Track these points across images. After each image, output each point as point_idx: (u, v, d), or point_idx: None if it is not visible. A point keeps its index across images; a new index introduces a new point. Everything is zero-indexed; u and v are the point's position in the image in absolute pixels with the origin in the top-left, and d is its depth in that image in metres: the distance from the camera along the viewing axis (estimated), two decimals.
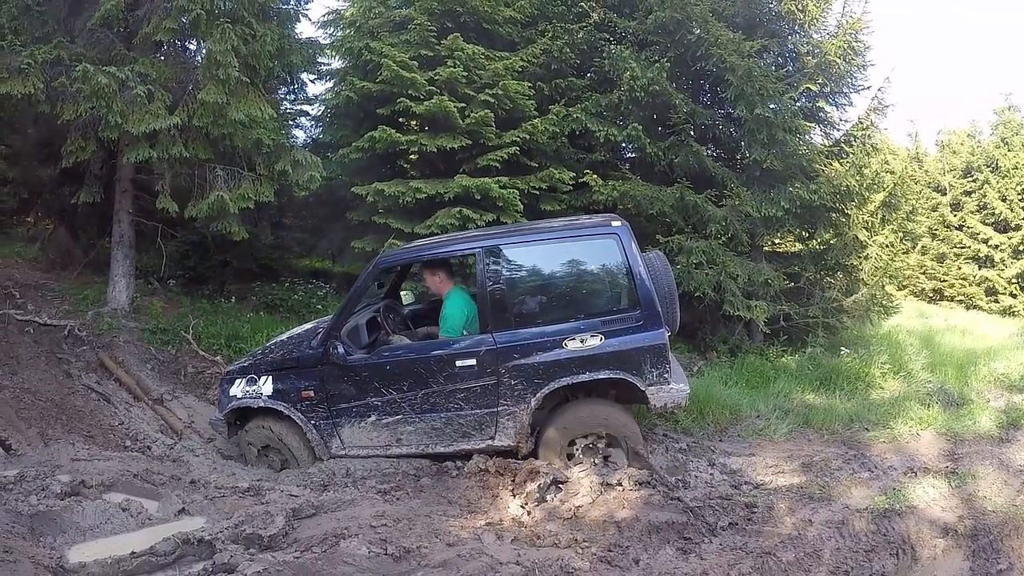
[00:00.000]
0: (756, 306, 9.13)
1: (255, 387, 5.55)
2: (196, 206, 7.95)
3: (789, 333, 9.93)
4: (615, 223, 5.28)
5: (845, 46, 9.84)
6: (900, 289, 22.93)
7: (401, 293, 6.90)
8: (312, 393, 5.41)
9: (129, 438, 6.26)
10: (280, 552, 3.78)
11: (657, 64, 9.66)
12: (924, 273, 23.81)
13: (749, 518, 4.48)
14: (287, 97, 11.59)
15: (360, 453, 5.45)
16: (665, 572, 3.87)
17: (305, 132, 12.28)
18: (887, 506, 4.62)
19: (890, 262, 10.75)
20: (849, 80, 10.20)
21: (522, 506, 4.62)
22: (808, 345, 9.42)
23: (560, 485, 4.80)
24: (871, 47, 10.04)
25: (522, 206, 9.43)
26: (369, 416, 5.36)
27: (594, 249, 5.31)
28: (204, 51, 7.82)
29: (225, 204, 7.77)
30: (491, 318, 5.21)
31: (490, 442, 5.26)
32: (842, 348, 9.33)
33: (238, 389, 5.63)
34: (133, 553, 3.74)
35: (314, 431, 5.44)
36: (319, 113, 11.87)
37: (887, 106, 10.11)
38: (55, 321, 7.89)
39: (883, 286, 10.61)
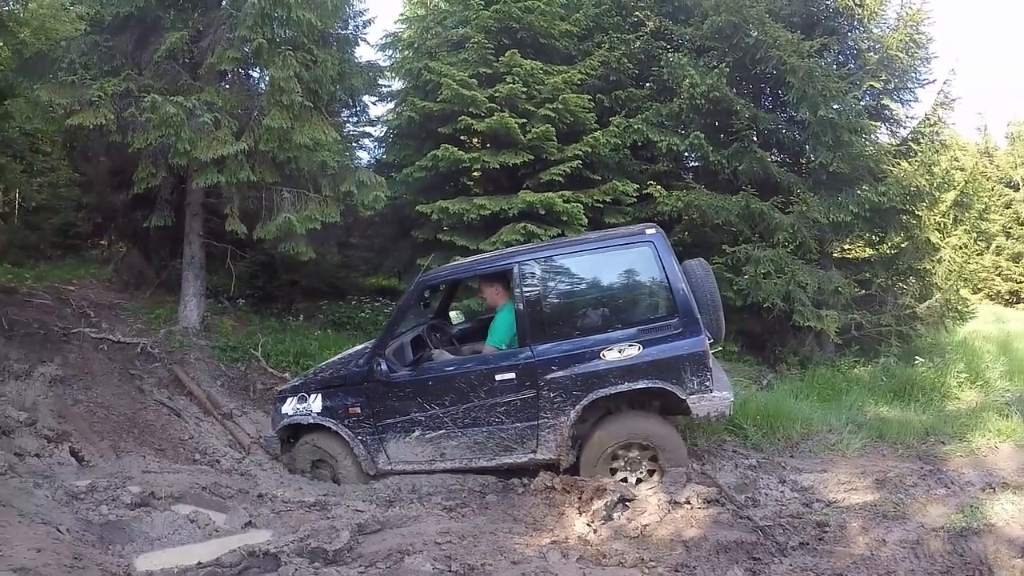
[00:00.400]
0: (827, 315, 8.86)
1: (305, 404, 5.72)
2: (264, 228, 8.18)
3: (861, 343, 9.58)
4: (649, 231, 5.24)
5: (907, 39, 9.57)
6: (975, 292, 21.85)
7: (451, 313, 6.99)
8: (358, 409, 5.53)
9: (198, 452, 6.43)
10: (345, 567, 3.79)
11: (716, 70, 9.57)
12: (999, 274, 22.72)
13: (820, 537, 4.31)
14: (349, 119, 11.91)
15: (406, 468, 5.52)
16: None
17: (368, 153, 12.61)
18: (964, 524, 4.37)
19: (964, 264, 10.30)
20: (913, 75, 9.91)
21: (588, 524, 4.53)
22: (881, 355, 9.07)
23: (627, 503, 4.70)
24: (933, 39, 9.80)
25: (586, 220, 9.41)
26: (413, 431, 5.43)
27: (629, 258, 5.27)
28: (267, 78, 8.10)
29: (292, 225, 7.96)
30: (529, 331, 5.21)
31: (532, 456, 5.23)
32: (916, 357, 8.89)
33: (289, 407, 5.81)
34: (199, 563, 3.80)
35: (361, 446, 5.54)
36: (381, 134, 12.13)
37: (953, 100, 9.79)
38: (128, 339, 8.19)
39: (957, 290, 10.17)
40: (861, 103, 9.55)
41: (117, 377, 7.43)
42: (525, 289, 5.24)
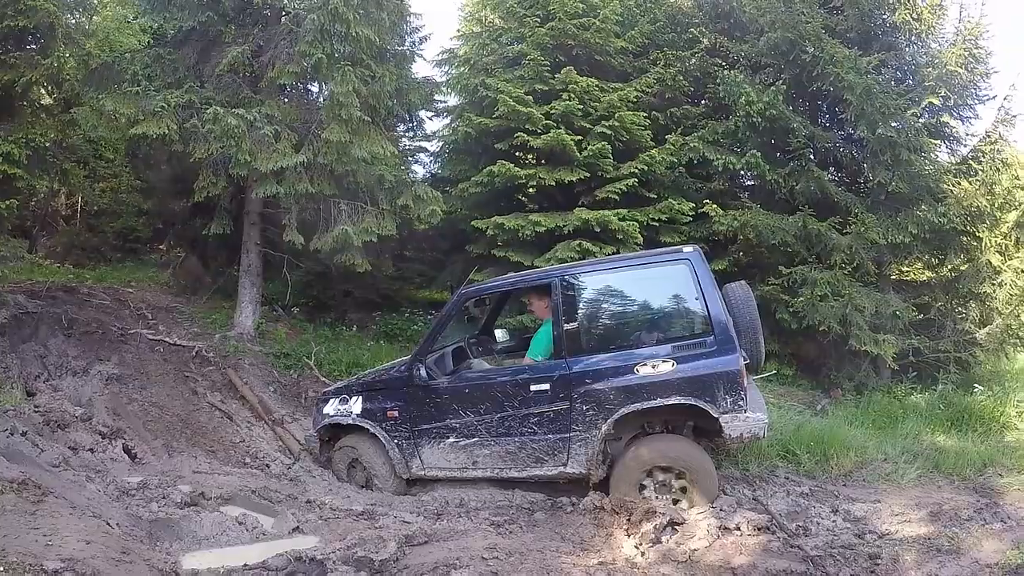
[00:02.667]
0: (884, 340, 8.64)
1: (346, 406, 5.92)
2: (321, 239, 8.31)
3: (918, 369, 9.33)
4: (687, 248, 5.26)
5: (966, 54, 9.32)
6: None
7: (496, 332, 7.06)
8: (396, 413, 5.67)
9: (249, 455, 6.54)
10: None
11: (772, 87, 9.45)
12: None
13: (872, 570, 4.18)
14: (406, 134, 12.09)
15: (439, 475, 5.63)
16: None
17: (424, 167, 12.78)
18: (1020, 561, 4.21)
19: None
20: (973, 90, 9.63)
21: (636, 546, 4.46)
22: (939, 382, 8.77)
23: (676, 527, 4.61)
24: (993, 53, 9.47)
25: (642, 238, 9.38)
26: (448, 437, 5.52)
27: (666, 275, 5.29)
28: (327, 92, 8.24)
29: (349, 237, 8.08)
30: (565, 344, 5.25)
31: (562, 468, 5.25)
32: (975, 385, 8.62)
33: (331, 408, 6.02)
34: (246, 565, 3.87)
35: (396, 450, 5.68)
36: (437, 149, 12.30)
37: (1014, 116, 9.43)
38: (184, 342, 8.40)
39: (1019, 315, 9.80)
40: (920, 120, 9.32)
41: (172, 378, 7.62)
42: (563, 303, 5.30)
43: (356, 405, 5.88)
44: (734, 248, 10.53)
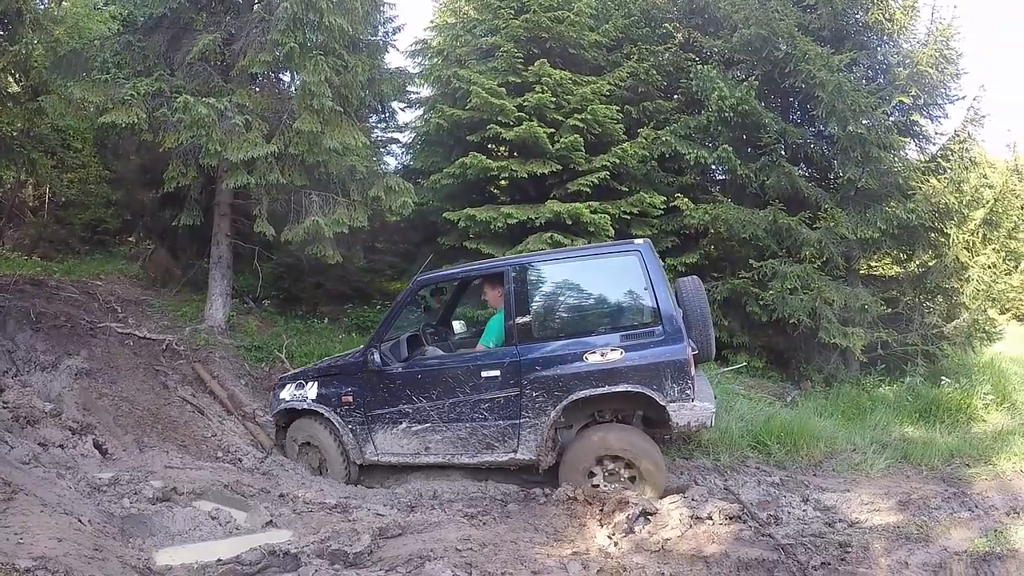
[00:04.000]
0: (853, 333, 8.77)
1: (302, 391, 6.03)
2: (292, 230, 8.24)
3: (887, 361, 9.50)
4: (638, 241, 5.40)
5: (937, 54, 9.46)
6: (1002, 313, 21.44)
7: (454, 323, 7.16)
8: (351, 398, 5.77)
9: (221, 450, 6.46)
10: (365, 570, 3.80)
11: (745, 83, 9.51)
12: None
13: (843, 558, 4.26)
14: (378, 125, 11.98)
15: (392, 460, 5.71)
16: None
17: (396, 159, 12.69)
18: (987, 549, 4.36)
19: (992, 284, 10.18)
20: (943, 90, 9.77)
21: (609, 536, 4.49)
22: (906, 374, 9.01)
23: (649, 516, 4.65)
24: (963, 54, 9.64)
25: (613, 231, 9.39)
26: (401, 423, 5.61)
27: (617, 266, 5.39)
28: (298, 82, 8.13)
29: (320, 229, 8.02)
30: (516, 332, 5.35)
31: (512, 455, 5.34)
32: (943, 378, 8.81)
33: (287, 393, 6.13)
34: (219, 560, 3.85)
35: (350, 434, 5.79)
36: (410, 140, 12.21)
37: (983, 116, 9.63)
38: (154, 335, 8.28)
39: (985, 310, 10.06)
40: (890, 118, 9.47)
41: (142, 372, 7.50)
42: (515, 292, 5.40)
43: (312, 390, 5.96)
44: (705, 242, 10.63)
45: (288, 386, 6.15)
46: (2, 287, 8.26)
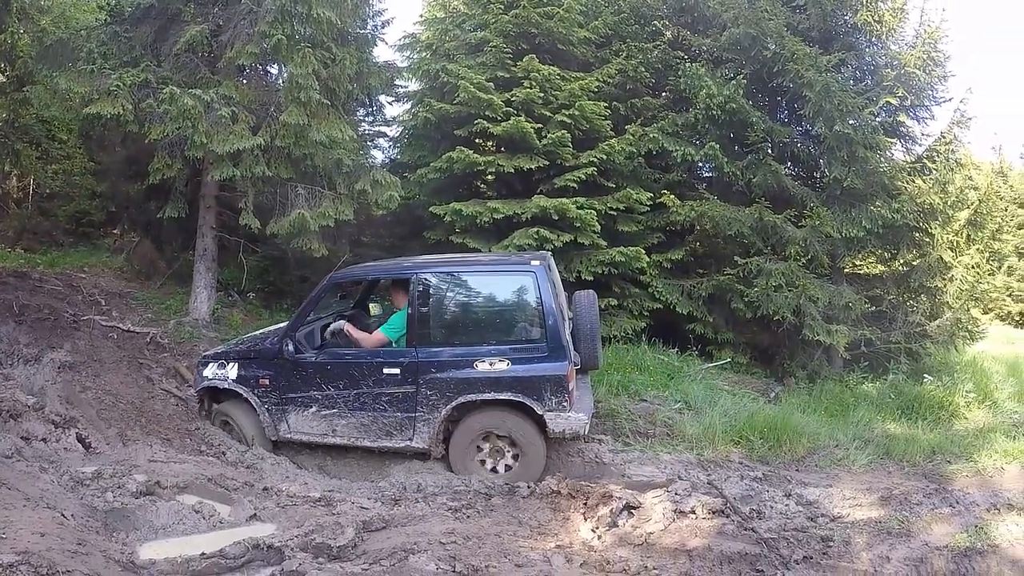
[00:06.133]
0: (836, 330, 8.82)
1: (224, 371, 6.32)
2: (278, 223, 8.25)
3: (870, 359, 9.56)
4: (534, 262, 5.80)
5: (924, 56, 9.51)
6: (985, 312, 21.72)
7: (369, 305, 7.53)
8: (267, 382, 6.13)
9: (205, 443, 6.39)
10: (349, 563, 3.82)
11: (733, 81, 9.53)
12: (1010, 295, 22.58)
13: (825, 552, 4.32)
14: (365, 119, 11.93)
15: (303, 438, 6.14)
16: None
17: (383, 153, 12.61)
18: (968, 544, 4.42)
19: (976, 284, 10.27)
20: (930, 92, 9.83)
21: (593, 530, 4.53)
22: (889, 372, 9.03)
23: (632, 510, 4.70)
24: (951, 57, 9.72)
25: (599, 227, 9.41)
26: (311, 407, 6.02)
27: (512, 283, 5.85)
28: (286, 74, 8.11)
29: (306, 222, 8.05)
30: (416, 334, 5.83)
31: (408, 443, 5.85)
32: (925, 375, 8.88)
33: (210, 371, 6.39)
34: (203, 554, 3.85)
35: (266, 414, 6.14)
36: (397, 134, 12.12)
37: (969, 119, 9.69)
38: (138, 328, 8.25)
39: (968, 309, 10.14)
40: (877, 119, 9.50)
41: (126, 365, 7.47)
42: (418, 297, 5.83)
43: (232, 371, 6.27)
44: (691, 238, 10.67)
45: (211, 365, 6.41)
46: None
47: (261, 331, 7.39)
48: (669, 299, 9.79)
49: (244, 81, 8.81)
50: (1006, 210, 23.47)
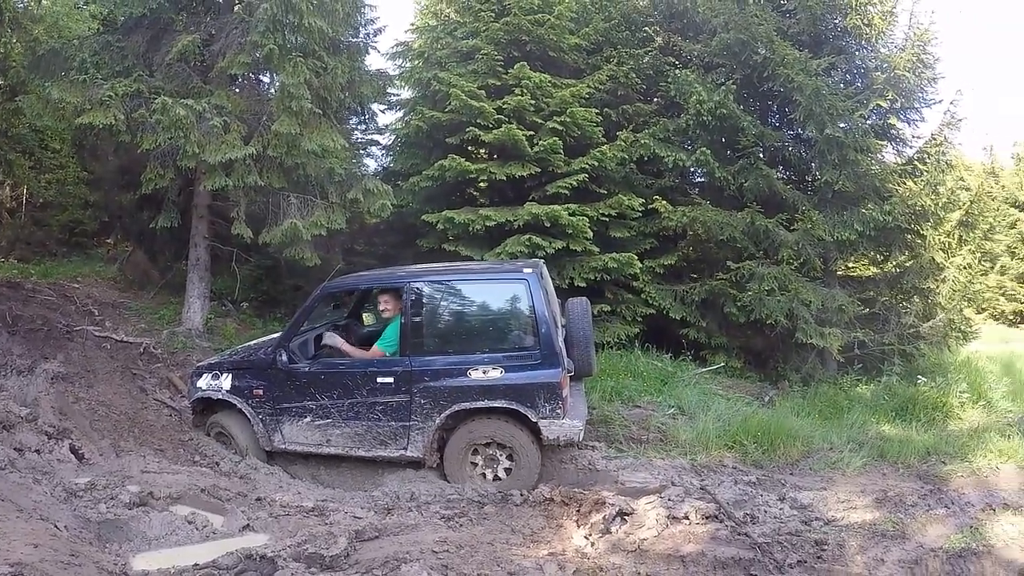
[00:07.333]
0: (830, 333, 8.85)
1: (218, 382, 6.32)
2: (270, 232, 8.25)
3: (864, 361, 9.57)
4: (527, 269, 5.83)
5: (914, 59, 9.59)
6: (979, 312, 21.82)
7: (363, 315, 7.64)
8: (261, 392, 6.14)
9: (198, 453, 6.38)
10: (341, 573, 3.82)
11: (723, 87, 9.56)
12: (1004, 294, 22.76)
13: (819, 556, 4.31)
14: (358, 127, 11.94)
15: (297, 449, 6.14)
16: None
17: (376, 161, 12.63)
18: (963, 545, 4.42)
19: (968, 284, 10.30)
20: (920, 94, 9.90)
21: (586, 537, 4.52)
22: (883, 373, 9.01)
23: (626, 517, 4.70)
24: (940, 59, 9.77)
25: (592, 233, 9.43)
26: (305, 417, 6.02)
27: (505, 291, 5.89)
28: (277, 84, 8.13)
29: (298, 231, 8.05)
30: (410, 344, 5.85)
31: (403, 452, 5.85)
32: (919, 376, 8.87)
33: (204, 382, 6.38)
34: (196, 565, 3.85)
35: (260, 424, 6.14)
36: (390, 142, 12.17)
37: (960, 120, 9.75)
38: (131, 339, 8.23)
39: (961, 310, 10.20)
40: (867, 122, 9.57)
41: (119, 376, 7.45)
42: (411, 306, 5.86)
43: (226, 381, 6.27)
44: (683, 243, 10.68)
45: (205, 375, 6.40)
46: None
47: (255, 341, 7.41)
48: (662, 304, 9.81)
49: (237, 91, 8.83)
50: (998, 210, 23.60)
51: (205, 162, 7.60)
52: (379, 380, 5.83)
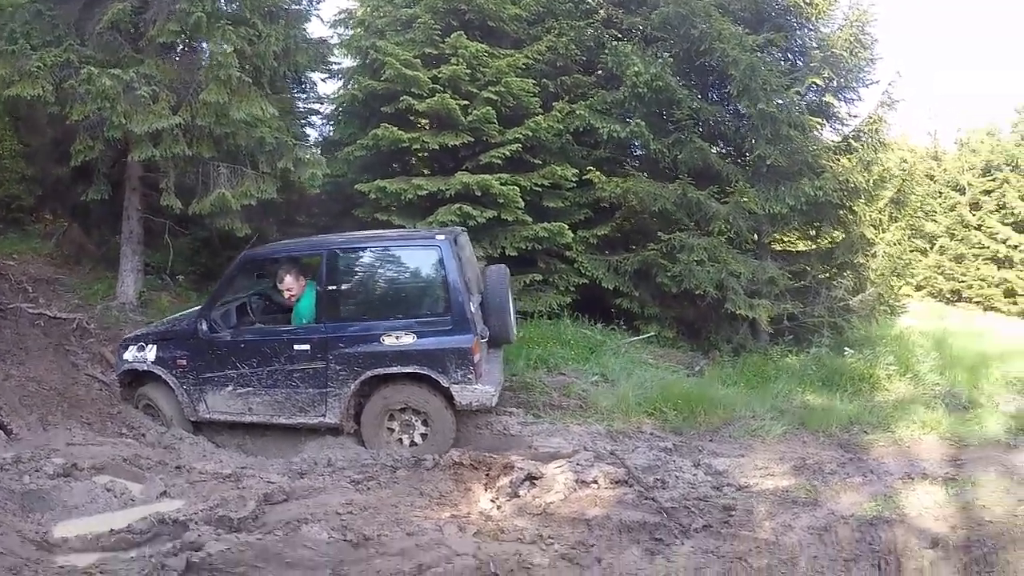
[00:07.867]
0: (759, 304, 9.04)
1: (143, 353, 6.37)
2: (200, 203, 8.14)
3: (795, 333, 9.79)
4: (440, 236, 5.93)
5: (852, 39, 9.75)
6: (918, 289, 22.52)
7: None
8: (184, 362, 6.20)
9: (126, 426, 6.37)
10: (245, 533, 3.90)
11: (661, 60, 9.61)
12: (942, 274, 23.35)
13: (726, 521, 4.35)
14: (299, 96, 11.75)
15: (220, 418, 6.23)
16: (628, 573, 3.78)
17: (317, 130, 12.44)
18: (875, 513, 4.43)
19: (897, 260, 10.56)
20: (857, 74, 10.06)
21: (492, 500, 4.62)
22: (813, 345, 9.20)
23: (535, 481, 4.80)
24: (878, 40, 9.96)
25: (523, 203, 9.43)
26: (227, 386, 6.11)
27: (417, 258, 6.03)
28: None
29: (227, 201, 7.97)
30: (325, 311, 5.95)
31: (322, 419, 5.95)
32: (847, 348, 9.09)
33: (130, 354, 6.44)
34: (112, 530, 3.92)
35: (184, 395, 6.22)
36: (330, 112, 11.98)
37: (896, 101, 9.98)
38: (64, 314, 8.08)
39: (890, 285, 10.44)
40: (804, 99, 9.72)
41: (51, 352, 7.33)
42: (327, 273, 5.93)
43: (151, 353, 6.32)
44: (619, 215, 10.71)
45: (131, 348, 6.44)
46: None
47: (182, 313, 7.37)
48: (595, 274, 9.90)
49: (175, 59, 8.64)
50: (940, 193, 24.22)
51: (132, 132, 7.45)
52: (296, 347, 5.91)
